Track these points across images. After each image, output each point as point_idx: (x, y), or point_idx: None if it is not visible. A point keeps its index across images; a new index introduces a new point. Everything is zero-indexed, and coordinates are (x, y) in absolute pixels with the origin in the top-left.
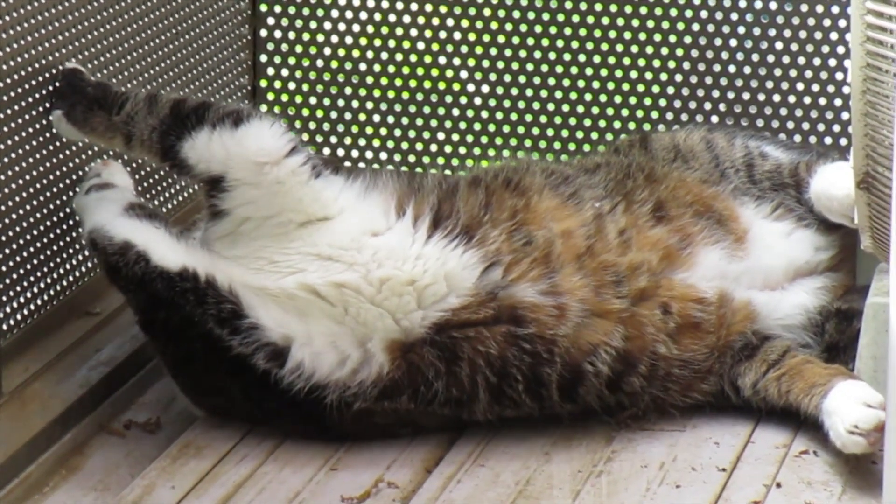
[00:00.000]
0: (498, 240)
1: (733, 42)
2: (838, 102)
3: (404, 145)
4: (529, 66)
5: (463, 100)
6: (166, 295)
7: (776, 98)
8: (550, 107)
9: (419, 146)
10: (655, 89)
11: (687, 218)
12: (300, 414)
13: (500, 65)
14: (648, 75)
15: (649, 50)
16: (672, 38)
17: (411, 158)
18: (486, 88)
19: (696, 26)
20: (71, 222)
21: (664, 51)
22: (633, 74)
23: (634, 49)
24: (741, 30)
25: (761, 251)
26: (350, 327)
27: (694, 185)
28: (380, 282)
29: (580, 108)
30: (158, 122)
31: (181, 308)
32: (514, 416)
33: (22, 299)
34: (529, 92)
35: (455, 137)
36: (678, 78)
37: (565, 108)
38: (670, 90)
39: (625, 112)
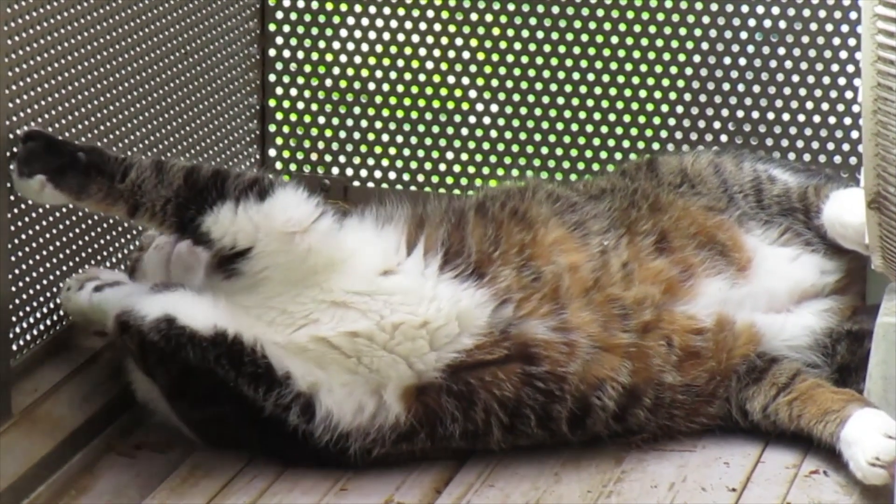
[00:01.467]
0: (508, 277)
1: (742, 61)
2: (848, 121)
3: (412, 165)
4: (538, 86)
5: (471, 120)
6: (201, 362)
7: (785, 117)
8: (559, 126)
9: (427, 166)
10: (664, 108)
11: (689, 250)
12: (324, 463)
13: (509, 85)
14: (657, 94)
15: (658, 69)
16: (681, 58)
17: (419, 178)
18: (494, 108)
19: (704, 45)
20: (80, 242)
21: (673, 70)
22: (642, 94)
23: (643, 68)
24: (750, 49)
25: (765, 276)
26: (364, 376)
27: (698, 214)
28: (393, 327)
29: (588, 129)
30: (172, 194)
31: (215, 374)
32: (525, 445)
33: (31, 320)
34: (538, 112)
35: (463, 157)
36: (686, 98)
37: (574, 128)
38: (679, 109)
39: (633, 131)
